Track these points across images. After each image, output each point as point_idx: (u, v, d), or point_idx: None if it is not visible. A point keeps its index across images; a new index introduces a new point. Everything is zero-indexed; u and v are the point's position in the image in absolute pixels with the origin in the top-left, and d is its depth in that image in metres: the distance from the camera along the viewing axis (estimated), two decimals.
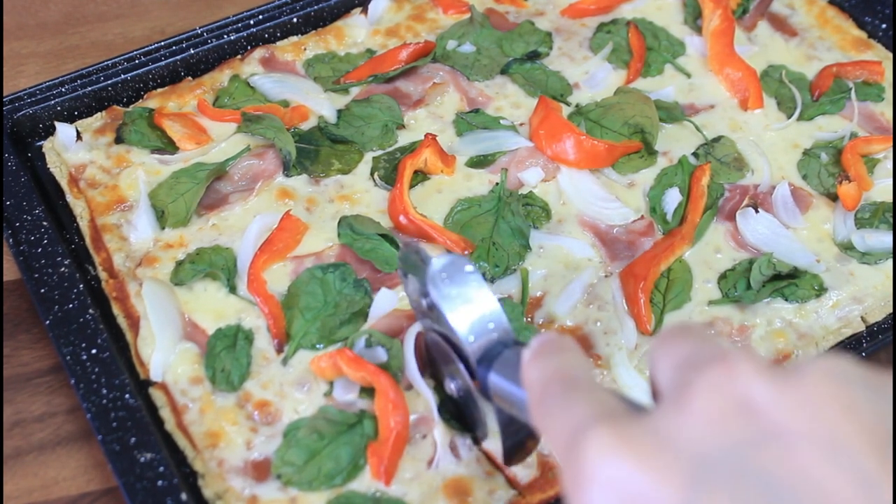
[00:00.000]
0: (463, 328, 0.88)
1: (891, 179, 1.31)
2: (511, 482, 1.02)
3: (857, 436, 0.45)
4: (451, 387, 0.99)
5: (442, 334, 0.94)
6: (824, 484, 0.43)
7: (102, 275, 1.17)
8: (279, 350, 1.11)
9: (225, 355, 1.09)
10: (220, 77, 1.39)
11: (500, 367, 0.85)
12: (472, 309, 0.88)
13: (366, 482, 1.00)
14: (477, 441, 1.04)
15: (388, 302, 1.13)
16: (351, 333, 1.11)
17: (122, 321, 1.13)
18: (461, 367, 0.92)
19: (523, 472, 1.02)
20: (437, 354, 0.99)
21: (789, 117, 1.38)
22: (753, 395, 0.47)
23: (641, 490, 0.46)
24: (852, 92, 1.41)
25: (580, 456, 0.50)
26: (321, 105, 1.35)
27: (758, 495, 0.43)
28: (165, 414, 1.05)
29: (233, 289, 1.16)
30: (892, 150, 1.34)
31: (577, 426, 0.52)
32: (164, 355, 1.09)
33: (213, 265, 1.17)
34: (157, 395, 1.06)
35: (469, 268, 0.90)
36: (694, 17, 1.51)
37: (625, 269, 1.18)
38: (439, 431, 1.03)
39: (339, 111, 1.35)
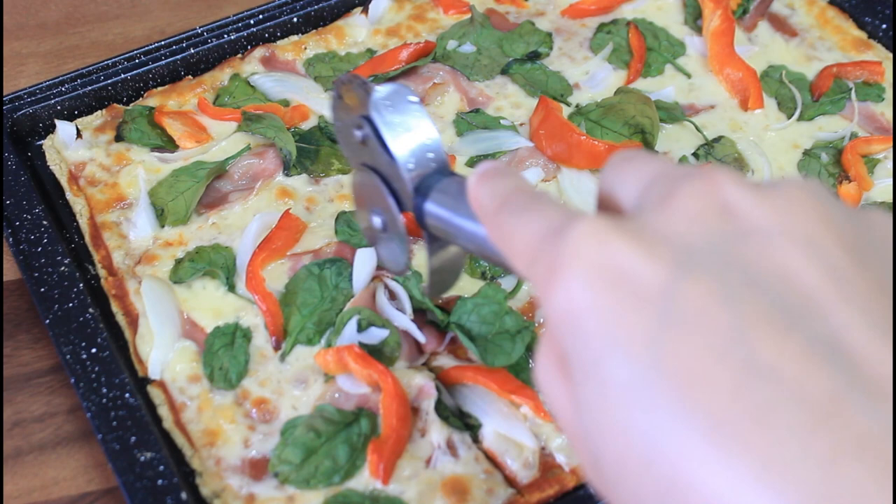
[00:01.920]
0: (403, 155, 0.87)
1: (891, 179, 1.31)
2: (510, 481, 1.02)
3: (831, 238, 0.46)
4: (376, 222, 0.95)
5: (373, 168, 0.93)
6: (801, 275, 0.45)
7: (102, 272, 1.17)
8: (276, 347, 1.11)
9: (223, 353, 1.09)
10: (221, 76, 1.39)
11: (439, 195, 0.83)
12: (413, 137, 0.88)
13: (363, 480, 1.00)
14: (476, 439, 1.04)
15: (369, 262, 1.14)
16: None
17: (120, 319, 1.13)
18: (390, 199, 0.91)
19: (523, 471, 1.02)
20: (364, 193, 0.97)
21: (789, 117, 1.38)
22: (733, 200, 0.48)
23: (629, 265, 0.46)
24: (852, 92, 1.41)
25: (561, 243, 0.49)
26: (322, 105, 1.35)
27: (739, 282, 0.44)
28: (163, 412, 1.05)
29: (231, 287, 1.16)
30: (892, 150, 1.34)
31: (554, 224, 0.51)
32: (163, 353, 1.09)
33: (213, 263, 1.17)
34: (155, 393, 1.07)
35: (412, 97, 0.90)
36: (694, 18, 1.51)
37: None
38: (437, 430, 1.03)
39: None
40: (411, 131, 0.88)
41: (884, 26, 1.48)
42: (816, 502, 0.38)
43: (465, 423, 1.05)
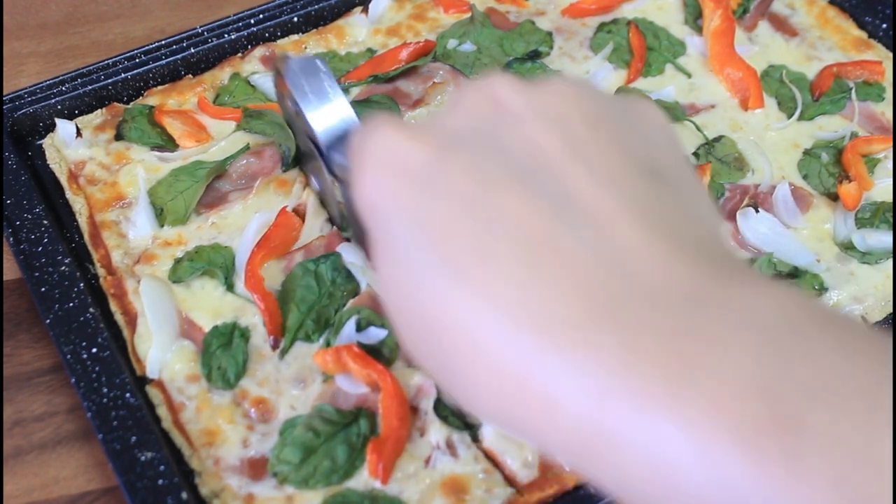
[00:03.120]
0: (318, 125, 0.98)
1: (891, 179, 1.31)
2: (509, 480, 1.02)
3: (577, 116, 0.55)
4: (314, 183, 1.09)
5: (308, 137, 1.04)
6: (541, 144, 0.53)
7: (100, 271, 1.17)
8: (275, 346, 1.11)
9: (221, 353, 1.09)
10: (221, 75, 1.39)
11: (341, 145, 0.95)
12: (327, 106, 0.99)
13: (362, 480, 1.00)
14: (475, 439, 1.04)
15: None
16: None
17: (119, 318, 1.13)
18: (321, 162, 1.02)
19: (523, 471, 1.02)
20: (306, 157, 1.09)
21: (790, 117, 1.38)
22: (503, 95, 0.57)
23: (405, 153, 0.55)
24: (853, 92, 1.41)
25: (363, 148, 0.58)
26: None
27: (488, 153, 0.53)
28: (162, 412, 1.05)
29: (230, 287, 1.16)
30: (892, 150, 1.34)
31: (370, 128, 0.60)
32: (161, 352, 1.09)
33: (212, 263, 1.17)
34: (153, 393, 1.07)
35: (321, 65, 1.02)
36: (694, 17, 1.51)
37: None
38: (436, 429, 1.03)
39: None
40: (325, 98, 1.00)
41: (884, 26, 1.48)
42: (527, 308, 0.46)
43: (464, 422, 1.05)
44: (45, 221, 1.18)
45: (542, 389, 0.46)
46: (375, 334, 1.09)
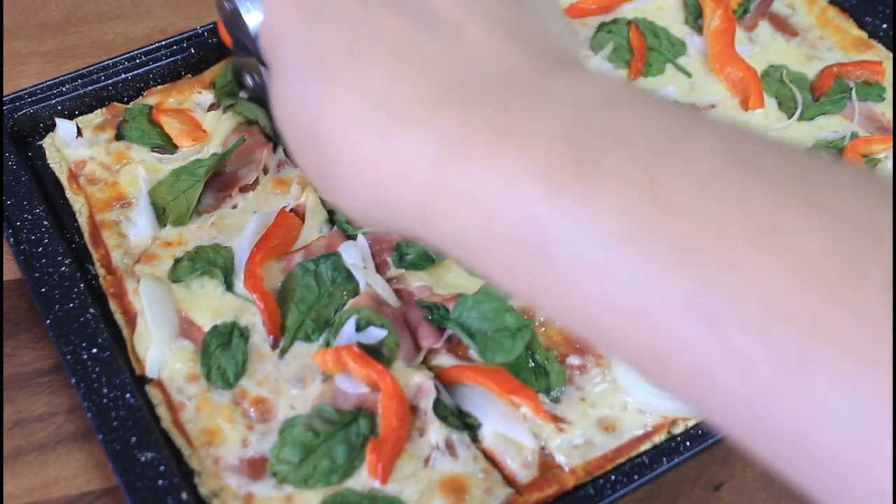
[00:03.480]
0: (252, 20, 0.98)
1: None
2: (509, 481, 1.02)
3: None
4: (248, 81, 1.12)
5: (241, 30, 1.05)
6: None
7: (100, 271, 1.17)
8: (274, 346, 1.11)
9: (221, 352, 1.09)
10: (220, 72, 1.39)
11: None
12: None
13: (362, 480, 1.00)
14: (475, 439, 1.04)
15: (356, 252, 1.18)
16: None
17: (119, 318, 1.13)
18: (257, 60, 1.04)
19: (522, 471, 1.02)
20: (239, 57, 1.11)
21: (790, 117, 1.38)
22: None
23: (278, 19, 0.61)
24: (853, 92, 1.41)
25: None
26: None
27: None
28: (162, 411, 1.05)
29: (230, 286, 1.16)
30: (892, 150, 1.34)
31: None
32: (161, 352, 1.09)
33: (212, 263, 1.17)
34: (153, 393, 1.07)
35: None
36: (695, 17, 1.51)
37: None
38: (436, 429, 1.03)
39: None
40: None
41: (884, 26, 1.48)
42: (389, 101, 0.52)
43: (464, 422, 1.05)
44: (46, 222, 1.18)
45: (395, 167, 0.52)
46: (375, 334, 1.09)
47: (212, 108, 1.36)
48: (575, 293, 0.47)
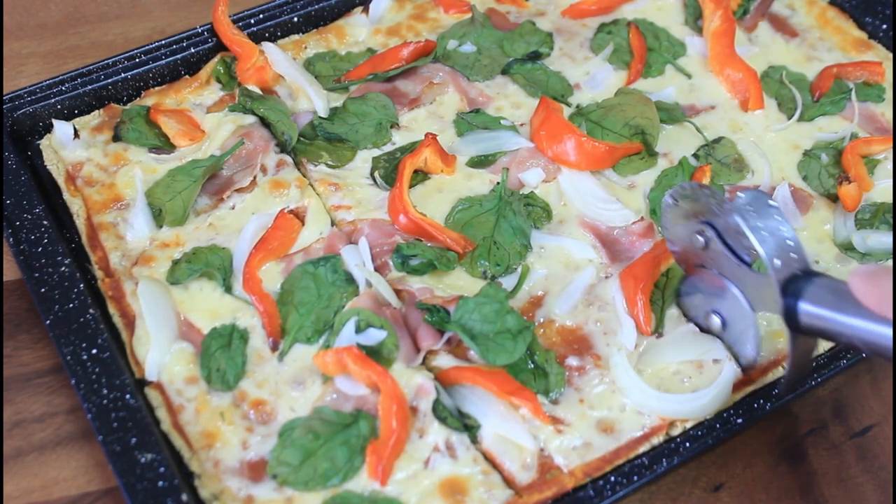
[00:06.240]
0: (769, 256, 0.97)
1: (891, 180, 1.31)
2: (508, 482, 1.02)
3: None
4: (714, 322, 1.09)
5: (718, 270, 1.06)
6: None
7: (98, 273, 1.17)
8: (274, 348, 1.11)
9: (220, 355, 1.09)
10: (217, 66, 1.39)
11: (815, 295, 0.94)
12: (776, 239, 0.98)
13: (362, 482, 1.01)
14: (475, 440, 1.04)
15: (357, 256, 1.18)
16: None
17: (118, 321, 1.13)
18: (740, 296, 1.05)
19: (522, 472, 1.02)
20: (697, 291, 1.11)
21: (790, 118, 1.38)
22: None
23: None
24: (853, 93, 1.41)
25: None
26: (316, 96, 1.35)
27: None
28: (161, 414, 1.05)
29: (228, 288, 1.16)
30: (892, 150, 1.34)
31: None
32: (160, 355, 1.09)
33: (210, 265, 1.17)
34: (153, 395, 1.07)
35: (772, 202, 1.01)
36: (695, 18, 1.51)
37: (624, 271, 1.18)
38: (435, 430, 1.03)
39: (335, 108, 1.36)
40: (775, 235, 0.98)
41: (884, 26, 1.48)
42: None
43: (464, 423, 1.05)
44: (45, 222, 1.18)
45: None
46: (375, 336, 1.09)
47: (211, 108, 1.36)
48: None
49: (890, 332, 0.82)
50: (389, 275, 1.17)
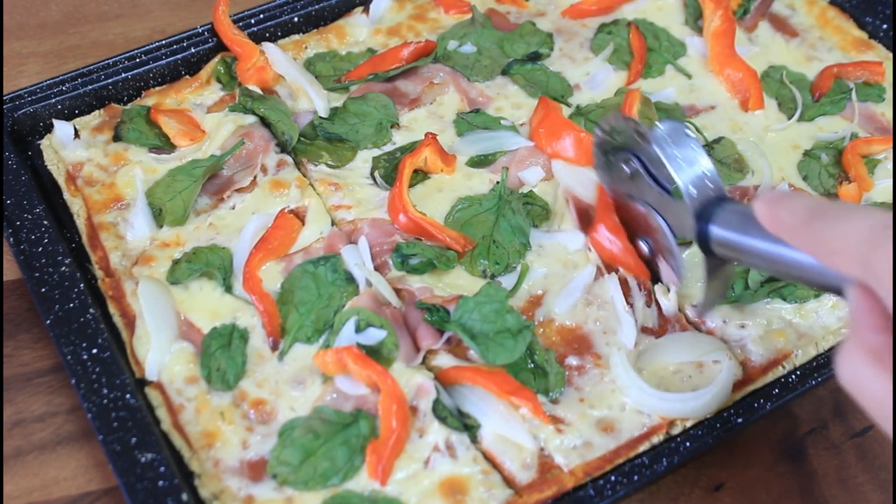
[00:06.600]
0: (685, 184, 1.00)
1: (891, 180, 1.31)
2: (508, 482, 1.02)
3: None
4: (643, 247, 1.15)
5: (641, 199, 1.09)
6: None
7: (99, 273, 1.17)
8: (274, 348, 1.11)
9: (220, 354, 1.10)
10: (217, 66, 1.39)
11: (723, 220, 0.96)
12: (693, 168, 1.01)
13: (362, 482, 1.01)
14: (475, 440, 1.04)
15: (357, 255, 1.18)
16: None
17: (118, 320, 1.13)
18: (663, 224, 1.09)
19: (522, 472, 1.02)
20: (630, 221, 1.15)
21: (790, 118, 1.38)
22: None
23: None
24: (853, 92, 1.41)
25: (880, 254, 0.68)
26: (316, 96, 1.35)
27: None
28: (162, 414, 1.05)
29: (228, 288, 1.16)
30: (892, 150, 1.34)
31: (870, 234, 0.69)
32: (160, 355, 1.09)
33: (210, 264, 1.17)
34: (153, 395, 1.07)
35: (689, 132, 1.04)
36: (695, 18, 1.51)
37: (591, 234, 1.19)
38: (435, 430, 1.03)
39: (335, 108, 1.36)
40: (692, 163, 1.01)
41: (884, 26, 1.48)
42: None
43: (463, 423, 1.05)
44: (46, 221, 1.18)
45: None
46: (375, 335, 1.09)
47: (212, 108, 1.36)
48: None
49: (787, 253, 0.85)
50: (389, 274, 1.17)
